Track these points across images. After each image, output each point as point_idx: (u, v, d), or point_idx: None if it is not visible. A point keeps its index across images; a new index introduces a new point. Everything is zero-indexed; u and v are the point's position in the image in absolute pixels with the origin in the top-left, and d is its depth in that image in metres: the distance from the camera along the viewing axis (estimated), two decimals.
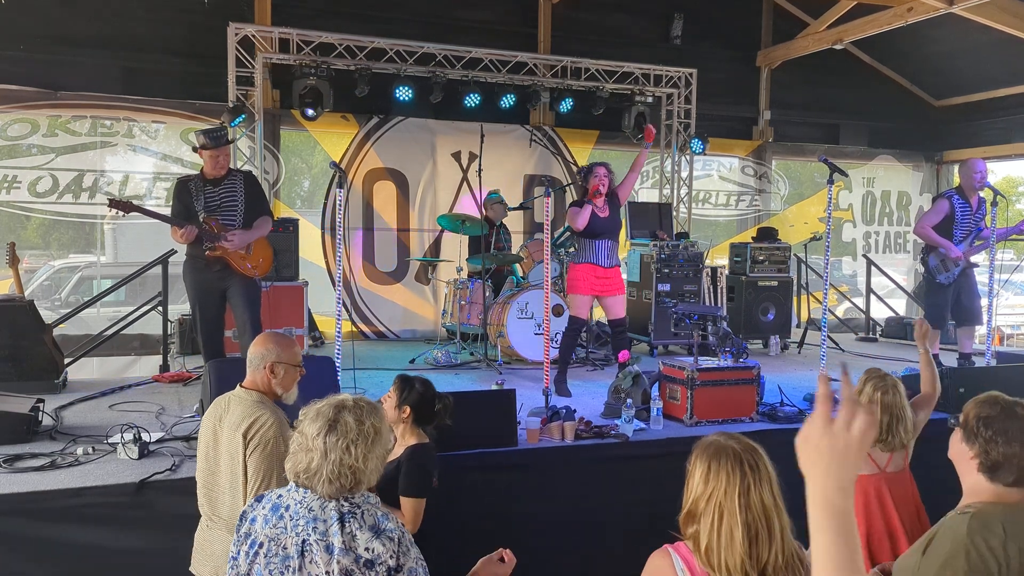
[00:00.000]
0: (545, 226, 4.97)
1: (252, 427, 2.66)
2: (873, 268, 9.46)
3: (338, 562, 1.88)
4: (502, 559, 2.27)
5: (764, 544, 1.77)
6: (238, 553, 2.00)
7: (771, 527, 1.78)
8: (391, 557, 1.94)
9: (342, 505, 1.96)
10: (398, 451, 3.15)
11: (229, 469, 2.70)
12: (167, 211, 5.13)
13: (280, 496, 2.02)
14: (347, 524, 1.93)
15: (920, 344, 3.65)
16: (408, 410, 3.14)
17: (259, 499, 2.07)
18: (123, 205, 4.80)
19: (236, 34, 7.42)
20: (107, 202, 4.86)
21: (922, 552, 2.05)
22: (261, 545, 1.95)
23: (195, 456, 3.79)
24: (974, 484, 2.10)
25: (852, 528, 1.16)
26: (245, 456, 2.64)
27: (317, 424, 2.00)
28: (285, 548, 1.93)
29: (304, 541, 1.91)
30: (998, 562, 1.92)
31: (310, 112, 7.64)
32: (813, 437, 1.16)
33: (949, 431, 2.23)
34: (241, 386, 2.84)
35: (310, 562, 1.90)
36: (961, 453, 2.14)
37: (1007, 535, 1.94)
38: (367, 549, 1.91)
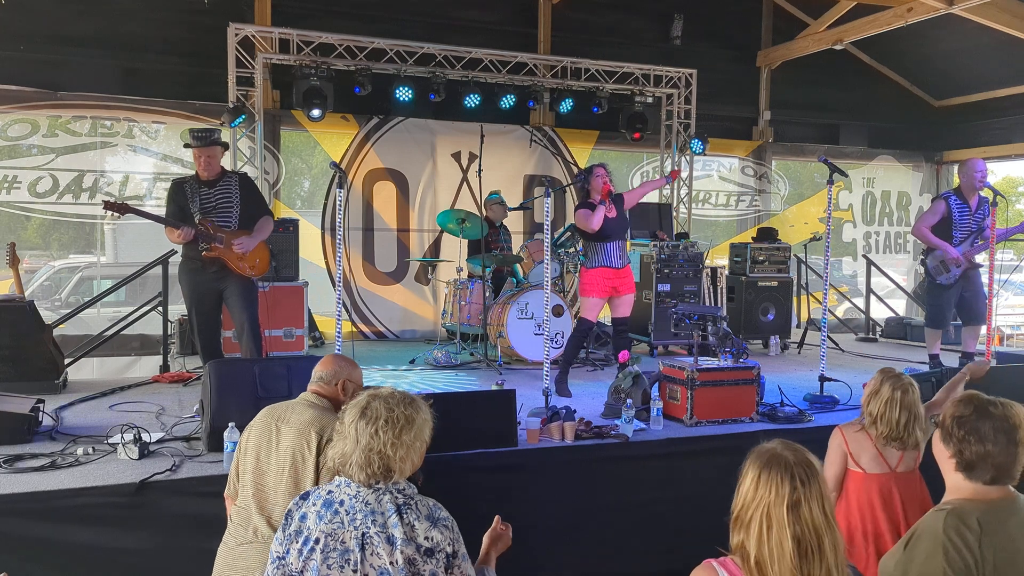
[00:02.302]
0: (545, 226, 4.97)
1: (329, 427, 2.60)
2: (873, 268, 9.46)
3: (401, 552, 1.93)
4: (502, 527, 2.36)
5: (815, 561, 1.71)
6: (287, 552, 2.01)
7: (821, 543, 1.72)
8: (449, 544, 2.00)
9: (396, 497, 2.01)
10: None
11: (291, 467, 2.62)
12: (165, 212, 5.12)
13: (331, 492, 2.04)
14: (405, 515, 1.98)
15: (959, 385, 3.73)
16: None
17: (304, 496, 2.08)
18: (118, 207, 4.79)
19: (236, 34, 7.42)
20: (102, 204, 4.86)
21: (903, 548, 2.11)
22: (317, 541, 1.96)
23: (195, 457, 3.82)
24: (953, 483, 2.16)
25: None
26: (320, 455, 2.58)
27: (352, 412, 2.05)
28: (344, 542, 1.95)
29: (364, 534, 1.95)
30: (974, 557, 1.98)
31: (315, 113, 7.63)
32: None
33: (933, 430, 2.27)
34: (309, 391, 2.83)
35: (371, 554, 1.94)
36: (940, 453, 2.20)
37: (982, 531, 2.00)
38: (427, 538, 1.97)
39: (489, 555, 2.33)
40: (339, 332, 4.86)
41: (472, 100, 8.22)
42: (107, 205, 4.80)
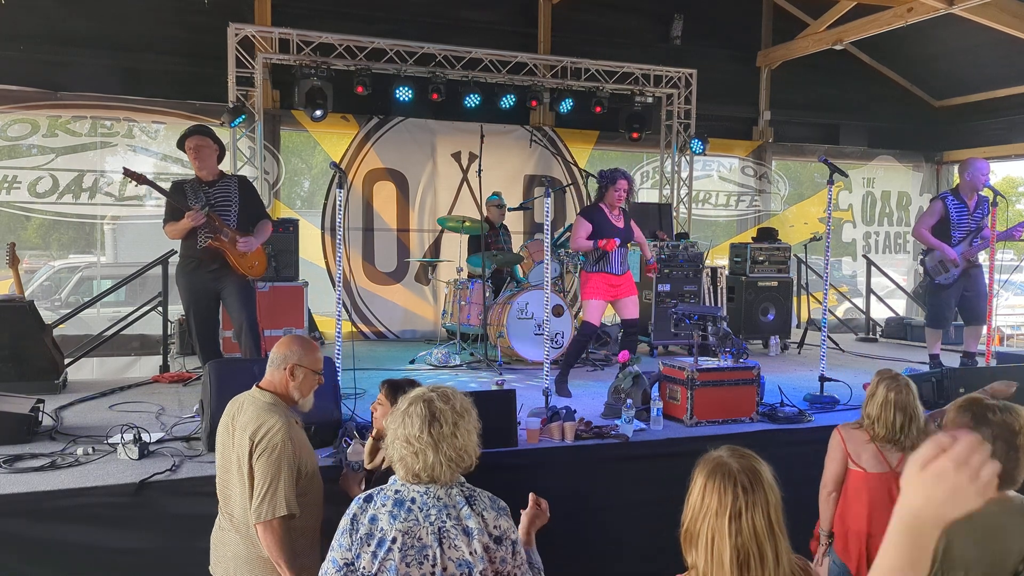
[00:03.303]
0: (545, 226, 4.97)
1: (260, 430, 2.64)
2: (873, 268, 9.46)
3: (479, 541, 1.99)
4: (537, 503, 2.42)
5: (758, 571, 1.66)
6: (357, 557, 1.99)
7: (763, 554, 1.67)
8: (512, 532, 2.07)
9: (463, 489, 2.07)
10: (378, 461, 3.09)
11: (237, 468, 2.69)
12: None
13: (398, 492, 2.06)
14: (474, 506, 2.04)
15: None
16: None
17: (368, 499, 2.08)
18: (137, 176, 4.88)
19: (236, 34, 7.42)
20: (122, 170, 4.99)
21: None
22: (394, 540, 1.98)
23: (195, 457, 3.83)
24: None
25: (925, 558, 1.09)
26: (251, 458, 2.62)
27: (416, 423, 2.05)
28: (420, 539, 1.98)
29: (440, 529, 1.99)
30: None
31: (317, 113, 7.63)
32: (944, 466, 1.07)
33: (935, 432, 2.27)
34: (258, 386, 2.81)
35: (449, 547, 1.98)
36: None
37: None
38: (495, 527, 2.04)
39: (530, 535, 2.37)
40: (339, 332, 4.86)
41: (472, 100, 8.22)
42: (126, 172, 4.89)
